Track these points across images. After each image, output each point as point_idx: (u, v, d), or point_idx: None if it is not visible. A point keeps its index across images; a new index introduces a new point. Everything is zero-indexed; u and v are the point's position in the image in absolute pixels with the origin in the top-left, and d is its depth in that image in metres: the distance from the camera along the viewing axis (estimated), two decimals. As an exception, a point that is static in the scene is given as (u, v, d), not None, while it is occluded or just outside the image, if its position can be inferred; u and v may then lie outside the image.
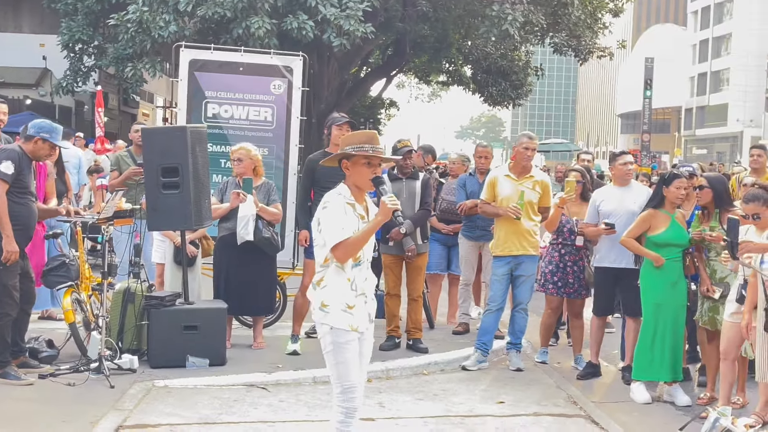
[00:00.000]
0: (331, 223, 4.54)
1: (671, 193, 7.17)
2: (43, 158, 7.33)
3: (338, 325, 4.59)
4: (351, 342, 4.62)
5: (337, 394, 4.67)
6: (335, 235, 4.51)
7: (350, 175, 4.68)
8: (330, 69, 23.97)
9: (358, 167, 4.65)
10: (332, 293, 4.61)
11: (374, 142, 4.68)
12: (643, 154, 47.32)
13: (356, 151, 4.62)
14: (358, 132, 4.86)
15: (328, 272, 4.63)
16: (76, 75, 22.47)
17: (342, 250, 4.52)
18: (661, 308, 7.10)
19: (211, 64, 10.11)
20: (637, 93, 61.25)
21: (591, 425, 6.55)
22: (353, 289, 4.64)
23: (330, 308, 4.60)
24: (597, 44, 26.85)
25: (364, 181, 4.67)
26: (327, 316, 4.60)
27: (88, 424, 5.92)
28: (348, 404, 4.66)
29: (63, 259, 7.63)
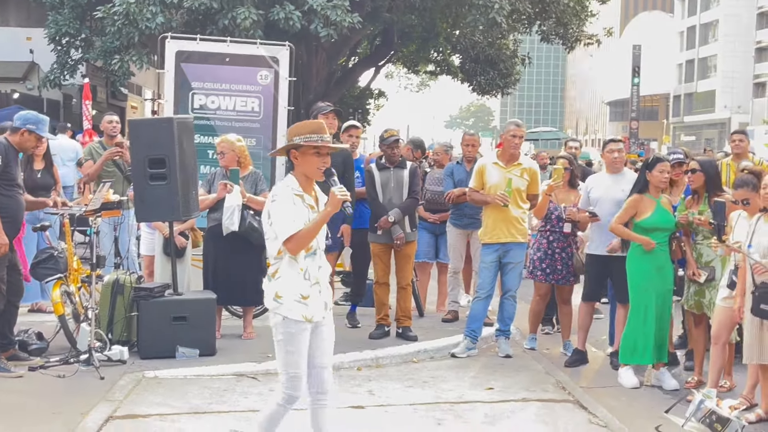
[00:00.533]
0: (281, 215, 4.58)
1: (654, 177, 7.21)
2: (29, 150, 7.34)
3: (291, 315, 4.62)
4: (303, 332, 4.65)
5: (283, 381, 4.71)
6: (287, 228, 4.55)
7: (299, 165, 4.72)
8: (318, 59, 23.91)
9: (307, 157, 4.68)
10: (286, 284, 4.64)
11: (322, 131, 4.72)
12: (632, 141, 47.46)
13: (305, 142, 4.65)
14: (305, 122, 4.87)
15: (282, 264, 4.66)
16: (64, 68, 22.35)
17: (294, 242, 4.56)
18: (647, 293, 7.14)
19: (198, 55, 10.11)
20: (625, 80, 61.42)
21: (579, 410, 6.60)
22: (307, 278, 4.67)
23: (284, 299, 4.63)
24: (584, 32, 26.85)
25: (313, 170, 4.71)
26: (281, 306, 4.63)
27: (79, 415, 5.93)
28: (291, 392, 4.70)
29: (51, 252, 7.63)
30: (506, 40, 27.95)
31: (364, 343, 8.31)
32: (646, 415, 6.47)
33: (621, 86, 76.92)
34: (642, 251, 7.17)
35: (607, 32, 30.04)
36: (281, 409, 4.74)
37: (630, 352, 7.22)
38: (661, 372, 7.29)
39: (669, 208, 7.31)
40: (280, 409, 4.74)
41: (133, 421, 6.00)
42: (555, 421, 6.29)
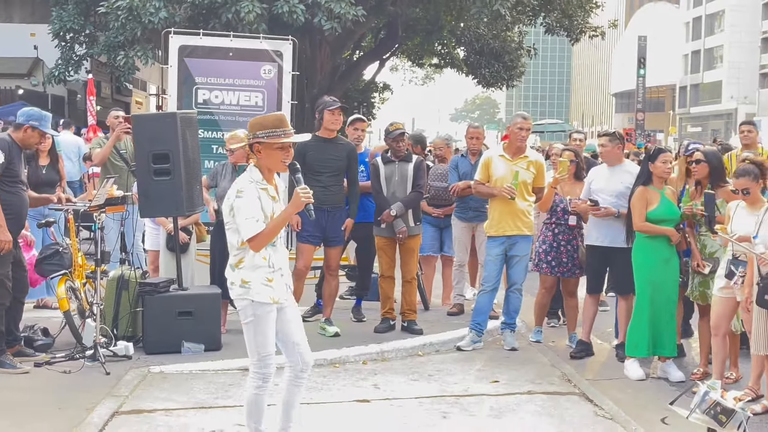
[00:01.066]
0: (246, 214, 4.70)
1: (658, 168, 7.18)
2: (33, 146, 7.34)
3: (260, 298, 4.79)
4: (270, 314, 4.83)
5: (255, 362, 4.89)
6: (251, 228, 4.68)
7: (262, 158, 4.82)
8: (322, 53, 23.88)
9: (271, 151, 4.79)
10: (252, 271, 4.80)
11: (284, 125, 4.82)
12: (638, 132, 47.34)
13: (268, 138, 4.76)
14: (267, 115, 4.98)
15: (246, 254, 4.80)
16: (68, 64, 22.37)
17: (257, 241, 4.70)
18: (655, 285, 7.12)
19: (201, 50, 10.10)
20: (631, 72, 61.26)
21: (585, 402, 6.59)
22: (270, 266, 4.84)
23: (251, 284, 4.79)
24: (589, 24, 26.78)
25: (276, 164, 4.85)
26: (249, 291, 4.79)
27: (85, 411, 5.94)
28: (265, 370, 4.90)
29: (56, 248, 7.63)
30: (511, 33, 27.89)
31: (370, 336, 8.31)
32: (652, 407, 6.46)
33: (627, 78, 76.74)
34: (648, 243, 7.14)
35: (612, 24, 29.96)
36: (260, 391, 4.92)
37: (636, 345, 7.20)
38: (666, 363, 7.28)
39: (673, 199, 7.28)
40: (259, 391, 4.92)
41: (139, 416, 6.01)
42: (561, 414, 6.28)
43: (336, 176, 8.23)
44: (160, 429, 5.76)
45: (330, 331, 8.34)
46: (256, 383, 4.91)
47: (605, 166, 7.98)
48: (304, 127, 17.36)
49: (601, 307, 9.24)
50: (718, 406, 5.46)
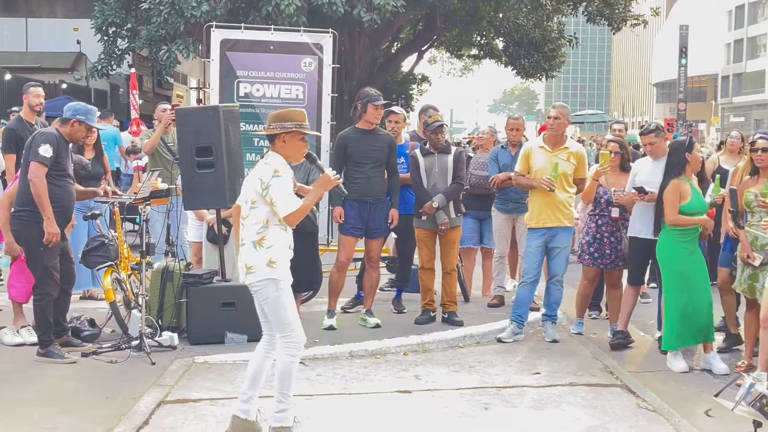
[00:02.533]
0: (285, 192, 5.12)
1: (695, 157, 7.14)
2: (79, 140, 7.45)
3: (284, 277, 5.23)
4: (289, 288, 5.28)
5: (287, 333, 5.24)
6: (291, 204, 5.11)
7: (284, 147, 5.27)
8: (361, 45, 23.93)
9: (295, 142, 5.29)
10: (277, 251, 5.19)
11: (307, 120, 5.36)
12: (679, 123, 46.75)
13: (298, 129, 5.25)
14: (292, 110, 5.47)
15: (269, 233, 5.20)
16: (110, 58, 22.67)
17: (295, 216, 5.14)
18: (683, 276, 7.08)
19: (242, 44, 10.16)
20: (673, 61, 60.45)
21: (628, 395, 6.56)
22: (290, 248, 5.30)
23: (277, 264, 5.18)
24: (630, 12, 26.51)
25: (298, 154, 5.39)
26: (275, 271, 5.18)
27: (131, 400, 6.04)
28: (300, 339, 5.28)
29: (102, 240, 7.75)
30: (551, 22, 27.70)
31: (410, 328, 8.34)
32: (695, 400, 6.43)
33: (668, 67, 75.73)
34: (674, 237, 7.08)
35: (654, 12, 29.63)
36: (295, 359, 5.29)
37: (672, 337, 7.16)
38: (710, 355, 7.22)
39: (700, 189, 7.24)
40: (295, 360, 5.28)
41: (184, 405, 6.09)
42: (603, 406, 6.26)
43: (378, 167, 8.26)
44: (206, 418, 5.84)
45: (371, 322, 8.39)
46: (292, 352, 5.24)
47: (649, 159, 7.92)
48: (342, 119, 17.40)
49: (643, 299, 9.20)
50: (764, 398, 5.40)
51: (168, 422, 5.73)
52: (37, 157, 6.84)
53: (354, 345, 7.64)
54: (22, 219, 6.97)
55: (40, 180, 6.81)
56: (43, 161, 6.84)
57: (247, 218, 5.25)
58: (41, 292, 6.99)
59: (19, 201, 7.04)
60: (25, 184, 6.94)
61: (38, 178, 6.81)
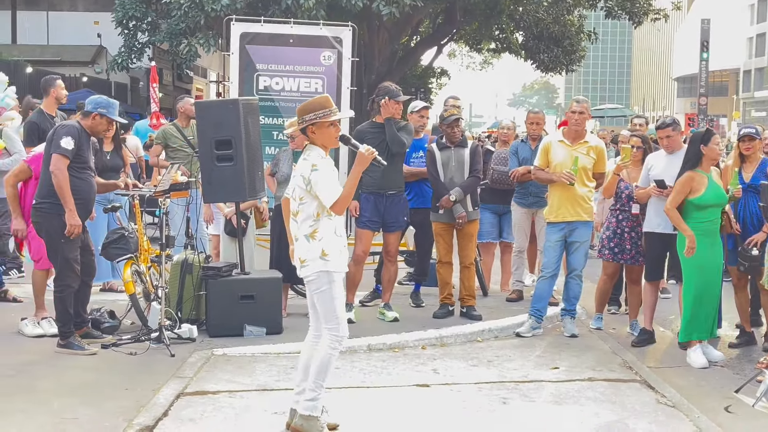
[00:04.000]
0: (327, 182, 5.12)
1: (711, 150, 7.09)
2: (101, 133, 7.49)
3: (339, 269, 5.24)
4: (341, 280, 5.31)
5: (333, 326, 5.28)
6: (333, 194, 5.10)
7: (317, 138, 5.24)
8: (380, 39, 23.91)
9: (324, 129, 5.22)
10: (329, 242, 5.20)
11: (330, 104, 5.25)
12: (700, 117, 46.44)
13: (321, 118, 5.17)
14: (313, 99, 5.35)
15: (320, 225, 5.20)
16: (131, 52, 22.74)
17: (340, 204, 5.12)
18: (703, 270, 7.05)
19: (262, 37, 10.18)
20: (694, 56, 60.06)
21: (647, 390, 6.53)
22: (338, 235, 5.27)
23: (330, 256, 5.19)
24: (651, 6, 26.33)
25: (331, 140, 5.28)
26: (328, 263, 5.18)
27: (151, 392, 6.07)
28: (342, 333, 5.30)
29: (122, 232, 7.78)
30: (571, 16, 27.56)
31: (428, 322, 8.34)
32: (715, 395, 6.39)
33: (689, 61, 75.20)
34: (695, 229, 7.03)
35: (675, 6, 29.40)
36: (336, 352, 5.31)
37: (690, 330, 7.14)
38: (704, 345, 7.23)
39: (720, 181, 7.18)
40: (335, 352, 5.30)
41: (203, 397, 6.12)
42: (622, 401, 6.24)
43: (394, 161, 8.24)
44: (225, 410, 5.87)
45: (389, 316, 8.39)
46: (333, 344, 5.27)
47: (663, 153, 7.86)
48: (361, 112, 17.40)
49: (662, 295, 9.14)
50: (785, 395, 5.38)
51: (187, 414, 5.76)
52: (58, 150, 6.88)
53: (372, 338, 7.65)
54: (43, 211, 7.02)
55: (62, 172, 6.86)
56: (65, 153, 6.88)
57: (297, 214, 5.29)
58: (62, 284, 7.04)
59: (40, 193, 7.09)
60: (46, 176, 6.99)
61: (60, 170, 6.86)
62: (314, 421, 5.26)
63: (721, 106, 73.60)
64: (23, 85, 22.72)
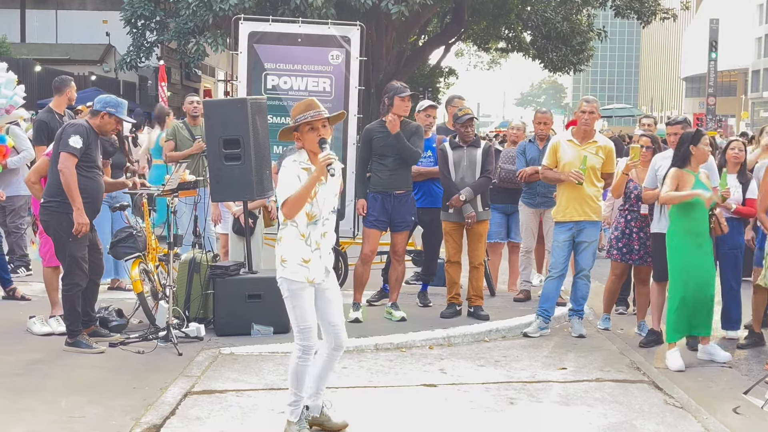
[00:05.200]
0: (282, 183, 5.01)
1: (700, 150, 7.08)
2: (109, 132, 7.50)
3: (294, 278, 5.10)
4: (304, 290, 5.12)
5: (296, 333, 5.18)
6: (280, 195, 5.00)
7: (303, 143, 5.12)
8: (388, 38, 23.90)
9: (306, 134, 5.09)
10: (289, 248, 5.11)
11: (314, 107, 5.10)
12: (709, 117, 46.30)
13: (298, 121, 5.05)
14: (298, 104, 5.22)
15: (285, 230, 5.14)
16: (139, 50, 22.77)
17: (286, 207, 4.99)
18: (686, 270, 7.03)
19: (270, 36, 10.18)
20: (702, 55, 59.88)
21: (655, 391, 6.51)
22: (308, 244, 5.10)
23: (288, 263, 5.11)
24: (660, 6, 26.28)
25: (313, 144, 5.09)
26: (285, 270, 5.12)
27: (158, 390, 6.08)
28: (305, 342, 5.15)
29: (130, 231, 7.80)
30: (580, 16, 27.53)
31: (436, 321, 8.33)
32: (723, 397, 6.37)
33: (698, 61, 75.02)
34: (682, 229, 7.02)
35: (684, 6, 29.35)
36: (301, 361, 5.18)
37: (673, 330, 7.14)
38: (710, 346, 7.23)
39: (708, 182, 7.15)
40: (299, 362, 5.18)
41: (210, 396, 6.13)
42: (630, 402, 6.22)
43: (402, 161, 8.24)
44: (232, 409, 5.87)
45: (396, 315, 8.39)
46: (297, 353, 5.18)
47: (670, 153, 7.83)
48: (369, 112, 17.41)
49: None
50: (794, 396, 5.36)
51: (194, 413, 5.76)
52: (67, 148, 6.90)
53: (379, 338, 7.64)
54: (51, 209, 7.04)
55: (69, 170, 6.87)
56: (73, 152, 6.90)
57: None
58: (70, 282, 7.06)
59: (48, 192, 7.10)
60: (54, 175, 7.00)
61: (68, 168, 6.87)
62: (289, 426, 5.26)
63: (730, 106, 73.43)
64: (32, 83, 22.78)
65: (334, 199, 5.23)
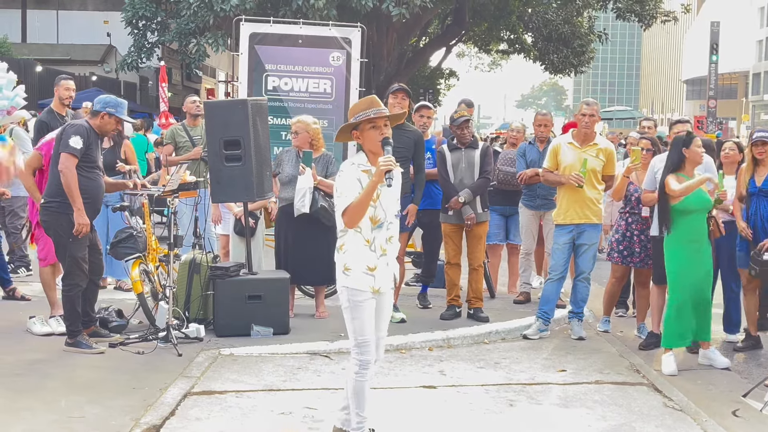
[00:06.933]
0: (342, 190, 4.74)
1: (693, 153, 7.08)
2: (109, 133, 7.50)
3: (359, 287, 4.80)
4: (366, 301, 4.83)
5: (353, 347, 4.92)
6: (341, 203, 4.72)
7: (363, 143, 4.86)
8: (389, 40, 23.91)
9: (366, 132, 4.80)
10: (353, 257, 4.81)
11: (375, 105, 4.84)
12: (709, 120, 46.30)
13: (357, 119, 4.78)
14: (359, 101, 4.99)
15: (347, 237, 4.83)
16: (140, 51, 22.80)
17: (347, 215, 4.72)
18: (683, 275, 7.02)
19: (271, 37, 10.20)
20: (703, 58, 59.93)
21: (654, 393, 6.51)
22: (373, 250, 4.82)
23: (352, 271, 4.81)
24: (661, 9, 26.30)
25: (374, 144, 4.80)
26: (347, 278, 4.82)
27: (158, 391, 6.08)
28: (362, 357, 4.90)
29: (131, 231, 7.80)
30: (581, 18, 27.55)
31: (436, 323, 8.33)
32: (723, 399, 6.37)
33: (698, 64, 75.07)
34: (681, 234, 7.01)
35: (685, 9, 29.37)
36: (360, 377, 4.90)
37: (668, 334, 7.13)
38: (710, 351, 7.21)
39: (704, 186, 7.13)
40: (358, 378, 4.90)
41: (210, 397, 6.13)
42: (629, 404, 6.22)
43: (402, 164, 8.22)
44: (231, 410, 5.87)
45: (396, 317, 8.37)
46: (355, 369, 4.91)
47: None
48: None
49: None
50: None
51: (194, 413, 5.77)
52: (67, 149, 6.90)
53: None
54: (51, 210, 7.04)
55: (70, 171, 6.87)
56: (74, 153, 6.90)
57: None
58: (70, 283, 7.06)
59: (48, 192, 7.11)
60: (55, 176, 7.01)
61: (68, 169, 6.87)
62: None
63: (731, 109, 73.43)
64: (33, 83, 22.81)
65: (397, 203, 4.96)
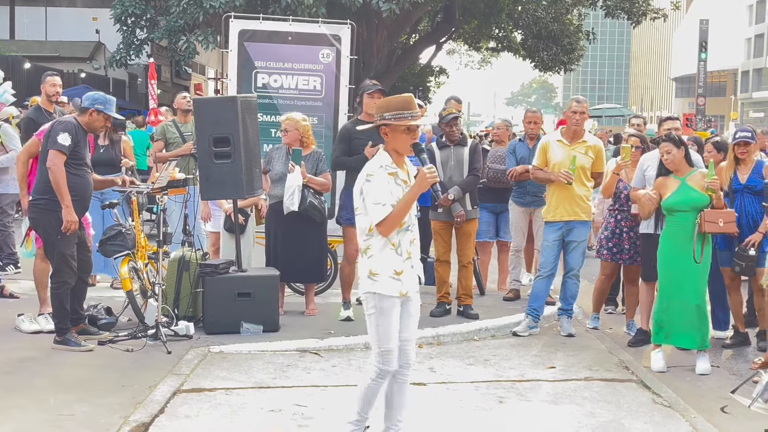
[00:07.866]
0: (374, 198, 4.58)
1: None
2: (98, 130, 7.48)
3: (387, 292, 4.66)
4: (394, 307, 4.70)
5: (375, 355, 4.78)
6: (378, 212, 4.56)
7: (389, 141, 4.70)
8: (379, 37, 23.88)
9: (398, 134, 4.66)
10: (380, 261, 4.67)
11: (412, 107, 4.68)
12: (698, 118, 46.43)
13: (395, 120, 4.63)
14: (395, 97, 4.81)
15: (373, 240, 4.67)
16: (129, 48, 22.69)
17: (385, 225, 4.58)
18: (675, 273, 7.01)
19: (260, 34, 10.16)
20: (692, 56, 60.09)
21: (643, 390, 6.53)
22: (399, 254, 4.69)
23: (379, 276, 4.66)
24: (650, 6, 26.36)
25: (404, 147, 4.70)
26: (375, 284, 4.67)
27: (147, 389, 6.07)
28: (383, 366, 4.76)
29: (120, 229, 7.78)
30: (570, 15, 27.59)
31: (425, 320, 8.26)
32: (711, 396, 6.40)
33: (688, 61, 75.26)
34: (672, 232, 7.02)
35: (674, 6, 29.43)
36: (375, 383, 4.81)
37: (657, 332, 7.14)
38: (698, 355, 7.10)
39: (697, 185, 7.04)
40: (373, 384, 4.81)
41: (200, 394, 6.12)
42: (618, 401, 6.24)
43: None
44: (221, 407, 5.87)
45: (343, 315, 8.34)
46: (372, 375, 4.80)
47: (658, 153, 7.82)
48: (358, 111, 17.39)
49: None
50: (781, 395, 5.38)
51: (183, 411, 5.76)
52: (55, 146, 6.87)
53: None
54: (39, 207, 7.02)
55: (58, 168, 6.84)
56: (62, 149, 6.87)
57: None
58: (58, 280, 7.04)
59: (37, 189, 7.08)
60: (43, 173, 6.98)
61: (57, 166, 6.85)
62: None
63: (720, 107, 73.70)
64: (21, 80, 22.70)
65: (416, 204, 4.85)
